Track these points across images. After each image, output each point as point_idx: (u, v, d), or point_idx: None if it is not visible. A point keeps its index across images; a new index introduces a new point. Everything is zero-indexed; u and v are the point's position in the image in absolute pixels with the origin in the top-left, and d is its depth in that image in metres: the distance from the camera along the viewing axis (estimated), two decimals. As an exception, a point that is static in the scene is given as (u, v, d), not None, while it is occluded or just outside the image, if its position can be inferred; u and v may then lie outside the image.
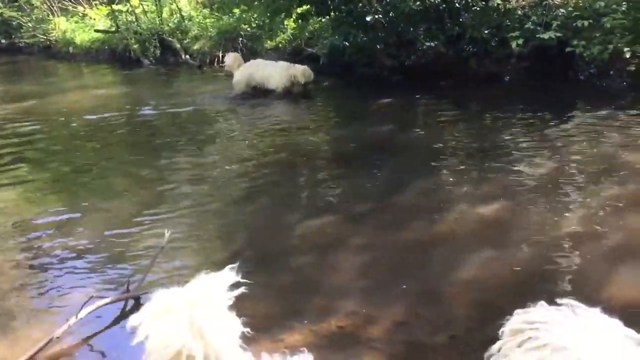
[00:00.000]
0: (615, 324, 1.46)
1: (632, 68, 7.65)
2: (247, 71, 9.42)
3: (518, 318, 1.56)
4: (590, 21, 7.54)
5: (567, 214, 4.29)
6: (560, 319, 1.49)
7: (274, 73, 9.10)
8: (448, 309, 3.28)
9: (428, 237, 4.19)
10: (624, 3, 7.51)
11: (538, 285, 3.41)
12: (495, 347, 1.59)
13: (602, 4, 7.54)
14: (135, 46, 14.60)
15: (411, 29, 9.59)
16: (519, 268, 3.60)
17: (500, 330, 1.59)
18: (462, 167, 5.63)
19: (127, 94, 11.34)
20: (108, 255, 4.23)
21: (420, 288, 3.51)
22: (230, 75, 9.76)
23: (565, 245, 3.84)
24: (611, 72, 7.87)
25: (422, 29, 9.80)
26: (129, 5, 15.39)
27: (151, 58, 14.40)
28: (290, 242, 4.29)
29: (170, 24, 14.75)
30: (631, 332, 1.45)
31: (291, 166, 6.10)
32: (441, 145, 6.36)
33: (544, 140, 6.16)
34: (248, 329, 1.69)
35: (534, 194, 4.76)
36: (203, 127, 7.85)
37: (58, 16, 18.28)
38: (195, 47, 13.86)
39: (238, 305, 3.61)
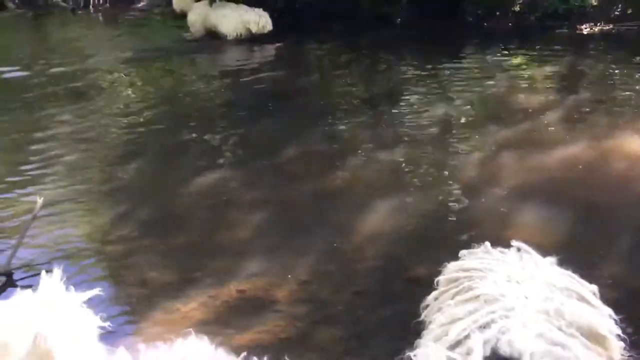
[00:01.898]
0: (550, 267, 1.41)
1: (517, 8, 7.81)
2: (201, 11, 8.74)
3: (454, 266, 1.49)
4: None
5: (463, 158, 4.30)
6: (494, 266, 1.42)
7: (227, 17, 8.46)
8: (351, 264, 3.17)
9: (328, 189, 4.04)
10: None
11: (440, 234, 3.37)
12: (430, 297, 1.51)
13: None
14: (-3, -14, 13.06)
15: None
16: (420, 217, 3.54)
17: (436, 280, 1.55)
18: (358, 113, 5.51)
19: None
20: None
21: (323, 244, 3.36)
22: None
23: (464, 190, 3.83)
24: (497, 13, 8.00)
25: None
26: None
27: (16, 1, 12.96)
28: (182, 201, 3.97)
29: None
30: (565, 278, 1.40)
31: (178, 117, 5.67)
32: (337, 91, 6.21)
33: (435, 83, 6.18)
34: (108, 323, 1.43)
35: (430, 139, 4.74)
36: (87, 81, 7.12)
37: None
38: (64, -12, 12.63)
39: (128, 275, 3.32)
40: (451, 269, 1.48)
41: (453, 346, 1.28)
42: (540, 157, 4.17)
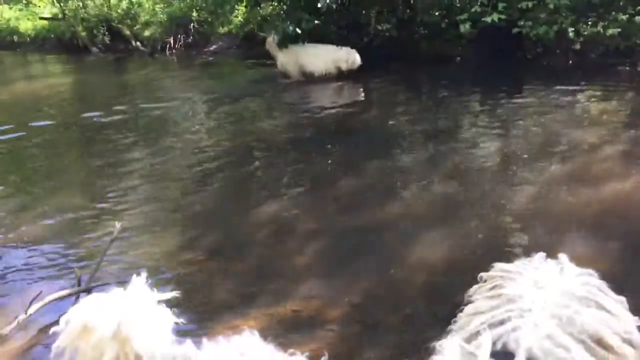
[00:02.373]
0: (576, 276, 1.54)
1: (577, 47, 7.85)
2: (292, 54, 9.16)
3: (498, 266, 1.65)
4: (535, 2, 7.71)
5: (516, 191, 4.41)
6: (526, 271, 1.57)
7: (317, 56, 8.88)
8: (401, 290, 3.34)
9: (382, 220, 4.23)
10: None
11: (489, 262, 3.48)
12: (472, 289, 1.66)
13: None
14: (83, 34, 14.21)
15: (363, 12, 9.62)
16: (470, 248, 3.67)
17: (479, 275, 1.69)
18: (415, 148, 5.73)
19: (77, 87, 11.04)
20: (59, 248, 4.14)
21: (375, 270, 3.55)
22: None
23: (515, 222, 3.94)
24: (557, 51, 8.07)
25: (374, 12, 9.85)
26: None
27: (100, 45, 14.05)
28: (245, 229, 4.28)
29: (119, 10, 14.39)
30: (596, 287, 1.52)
31: (247, 152, 6.07)
32: (395, 126, 6.47)
33: (493, 119, 6.30)
34: (183, 320, 1.68)
35: (485, 172, 4.88)
36: (163, 118, 7.70)
37: (1, 4, 17.62)
38: (146, 33, 13.59)
39: (194, 293, 3.62)
40: (495, 269, 1.66)
41: (472, 337, 1.46)
42: (592, 191, 4.22)
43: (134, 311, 1.55)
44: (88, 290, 3.50)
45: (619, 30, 7.25)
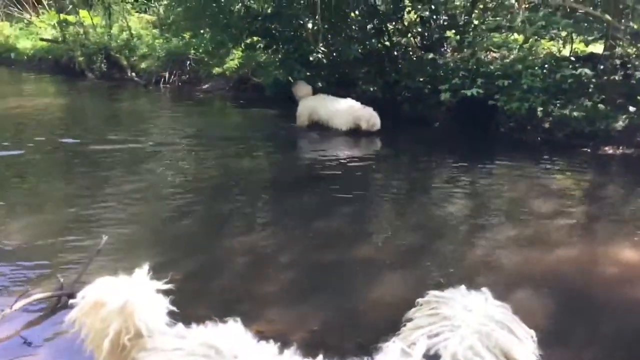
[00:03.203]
0: (496, 306, 1.92)
1: (546, 125, 8.44)
2: (310, 104, 9.18)
3: (432, 293, 2.02)
4: (510, 81, 8.34)
5: (473, 247, 4.82)
6: (457, 297, 1.95)
7: (339, 111, 8.83)
8: (358, 322, 3.68)
9: (349, 260, 4.60)
10: (537, 68, 8.40)
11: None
12: (412, 310, 2.03)
13: (520, 67, 8.40)
14: (81, 59, 14.61)
15: (352, 71, 10.21)
16: (424, 290, 4.00)
17: (416, 300, 2.04)
18: (387, 200, 6.15)
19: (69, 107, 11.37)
20: (44, 257, 4.42)
21: (336, 303, 3.90)
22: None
23: (465, 275, 4.32)
24: (528, 127, 8.64)
25: (362, 71, 10.45)
26: (78, 17, 15.41)
27: (97, 72, 14.45)
28: (221, 255, 4.62)
29: (118, 41, 14.86)
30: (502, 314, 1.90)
31: (230, 188, 6.43)
32: (371, 179, 6.91)
33: (462, 182, 6.76)
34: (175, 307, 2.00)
35: (448, 229, 5.30)
36: (149, 150, 8.04)
37: (2, 21, 18.03)
38: (143, 65, 14.03)
39: (169, 310, 3.89)
40: (430, 295, 2.04)
41: (411, 344, 1.82)
42: (541, 254, 4.65)
43: (137, 292, 1.90)
44: (70, 294, 3.77)
45: (584, 114, 7.87)
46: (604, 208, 5.94)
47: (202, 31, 11.84)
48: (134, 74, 14.06)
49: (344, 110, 8.79)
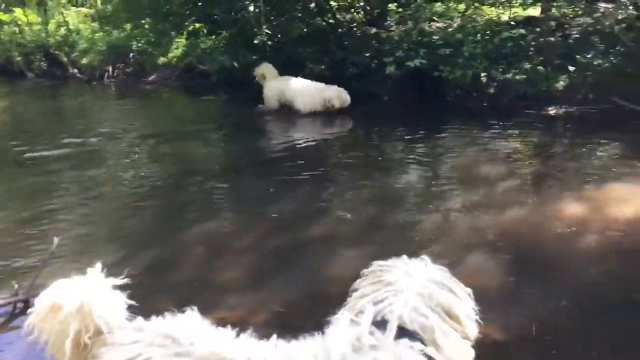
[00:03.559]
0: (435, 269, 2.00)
1: (491, 91, 8.63)
2: (276, 86, 9.03)
3: (376, 262, 2.11)
4: (452, 50, 8.47)
5: (427, 216, 4.93)
6: (399, 265, 2.01)
7: (304, 93, 8.75)
8: (317, 301, 3.71)
9: (306, 240, 4.64)
10: (478, 35, 8.55)
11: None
12: (358, 280, 2.11)
13: (460, 35, 8.53)
14: (19, 58, 14.12)
15: (298, 50, 10.19)
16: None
17: (361, 271, 2.13)
18: (343, 177, 6.21)
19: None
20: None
21: (295, 284, 3.94)
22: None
23: (419, 244, 4.44)
24: (474, 94, 8.83)
25: (309, 50, 10.43)
26: (12, 15, 14.84)
27: (37, 71, 14.00)
28: (179, 247, 4.58)
29: (56, 37, 14.39)
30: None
31: (177, 180, 6.36)
32: (325, 157, 6.96)
33: (414, 153, 6.88)
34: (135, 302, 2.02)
35: (402, 200, 5.40)
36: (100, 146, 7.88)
37: None
38: (84, 61, 13.64)
39: (129, 305, 3.88)
40: (374, 265, 2.10)
41: (359, 313, 1.88)
42: (493, 217, 4.79)
43: (93, 291, 1.90)
44: (25, 300, 3.71)
45: (525, 77, 8.07)
46: (550, 167, 6.15)
47: (142, 21, 11.60)
48: (75, 70, 13.68)
49: (312, 91, 8.71)
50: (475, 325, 1.97)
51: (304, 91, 8.76)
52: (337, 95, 8.56)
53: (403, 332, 1.79)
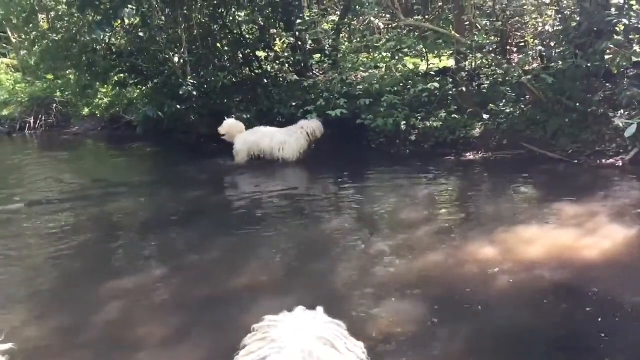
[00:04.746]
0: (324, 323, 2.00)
1: (413, 138, 8.93)
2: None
3: (267, 317, 2.07)
4: (371, 100, 8.78)
5: (347, 263, 4.99)
6: (287, 320, 2.01)
7: (289, 139, 8.71)
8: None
9: (226, 292, 4.58)
10: (394, 86, 8.92)
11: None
12: (247, 336, 2.05)
13: (377, 86, 8.88)
14: None
15: (225, 101, 10.26)
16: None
17: (252, 327, 2.07)
18: (266, 226, 6.21)
19: None
20: None
21: (214, 338, 3.87)
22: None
23: (342, 290, 4.47)
24: (397, 141, 9.10)
25: (236, 100, 10.52)
26: None
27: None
28: (94, 303, 4.43)
29: (-24, 88, 13.96)
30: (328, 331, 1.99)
31: (98, 237, 6.20)
32: (248, 206, 6.97)
33: (338, 200, 7.01)
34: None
35: (323, 248, 5.46)
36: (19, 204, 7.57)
37: None
38: (4, 112, 13.25)
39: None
40: (265, 320, 2.10)
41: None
42: (410, 262, 4.89)
43: None
44: None
45: (443, 124, 8.42)
46: (467, 211, 6.38)
47: (66, 72, 11.42)
48: (-5, 122, 13.24)
49: (295, 135, 8.74)
50: None
51: (287, 138, 8.76)
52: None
53: None
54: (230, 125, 9.02)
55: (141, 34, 10.14)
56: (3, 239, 5.99)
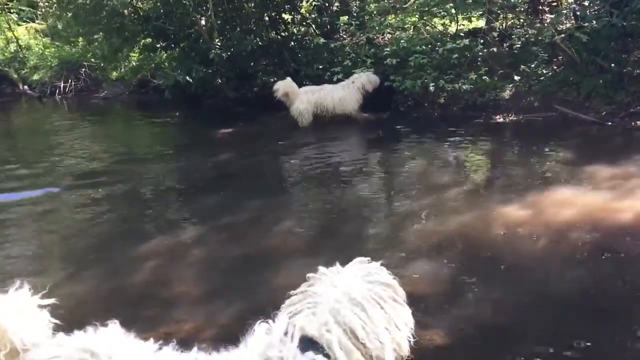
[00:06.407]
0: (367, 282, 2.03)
1: (442, 101, 8.82)
2: (313, 97, 8.68)
3: (320, 269, 2.13)
4: (398, 59, 8.64)
5: (375, 225, 5.02)
6: (330, 274, 2.08)
7: (346, 95, 8.60)
8: (268, 312, 3.73)
9: (257, 253, 4.65)
10: (423, 46, 8.75)
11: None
12: (302, 285, 2.13)
13: (405, 46, 8.71)
14: (-34, 76, 13.80)
15: (252, 64, 10.22)
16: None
17: (307, 275, 2.16)
18: (295, 189, 6.26)
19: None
20: None
21: (246, 296, 3.94)
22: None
23: (369, 252, 4.48)
24: (425, 104, 9.00)
25: (263, 63, 10.48)
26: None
27: (-17, 88, 13.70)
28: (132, 260, 4.56)
29: (6, 54, 14.10)
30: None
31: (131, 198, 6.33)
32: (278, 169, 7.01)
33: (368, 164, 7.01)
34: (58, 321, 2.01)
35: (354, 209, 5.49)
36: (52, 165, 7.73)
37: None
38: (35, 77, 13.42)
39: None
40: (319, 271, 2.13)
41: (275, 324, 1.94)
42: (440, 224, 4.89)
43: (10, 309, 1.89)
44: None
45: (472, 87, 8.28)
46: (496, 173, 6.32)
47: (95, 36, 11.47)
48: (26, 87, 13.42)
49: (349, 91, 8.61)
50: (388, 348, 1.95)
51: (344, 93, 8.63)
52: (366, 79, 8.60)
53: (311, 344, 1.85)
54: (288, 85, 8.68)
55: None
56: (40, 204, 6.13)
